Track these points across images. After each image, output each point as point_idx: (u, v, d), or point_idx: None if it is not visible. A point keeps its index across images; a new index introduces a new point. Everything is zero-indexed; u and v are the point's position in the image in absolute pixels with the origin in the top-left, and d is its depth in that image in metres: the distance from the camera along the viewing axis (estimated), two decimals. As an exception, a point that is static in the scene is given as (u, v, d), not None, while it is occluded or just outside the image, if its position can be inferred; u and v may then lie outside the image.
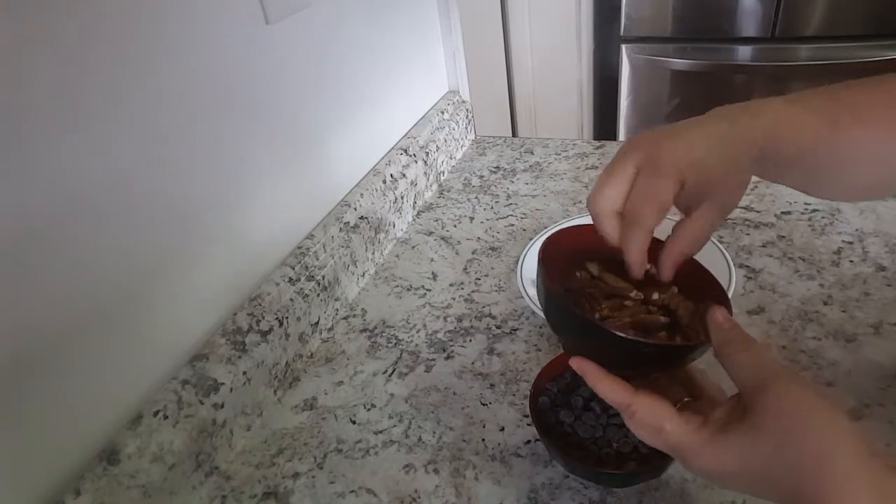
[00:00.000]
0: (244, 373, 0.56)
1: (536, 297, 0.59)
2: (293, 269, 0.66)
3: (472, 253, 0.79)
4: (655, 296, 0.44)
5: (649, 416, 0.38)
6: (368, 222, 0.77)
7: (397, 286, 0.75)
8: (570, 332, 0.43)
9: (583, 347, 0.41)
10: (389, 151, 0.88)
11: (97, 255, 0.46)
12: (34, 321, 0.42)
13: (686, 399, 0.42)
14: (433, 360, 0.64)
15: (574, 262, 0.47)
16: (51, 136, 0.41)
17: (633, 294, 0.44)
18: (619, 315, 0.43)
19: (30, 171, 0.40)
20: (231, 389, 0.54)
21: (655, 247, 0.42)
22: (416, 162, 0.89)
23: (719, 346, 0.39)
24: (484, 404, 0.58)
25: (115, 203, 0.47)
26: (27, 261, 0.41)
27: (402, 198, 0.85)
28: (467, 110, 1.06)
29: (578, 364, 0.41)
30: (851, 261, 0.68)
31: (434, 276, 0.76)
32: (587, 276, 0.46)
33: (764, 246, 0.73)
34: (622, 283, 0.45)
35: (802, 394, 0.33)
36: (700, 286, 0.44)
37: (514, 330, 0.66)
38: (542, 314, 0.49)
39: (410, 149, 0.89)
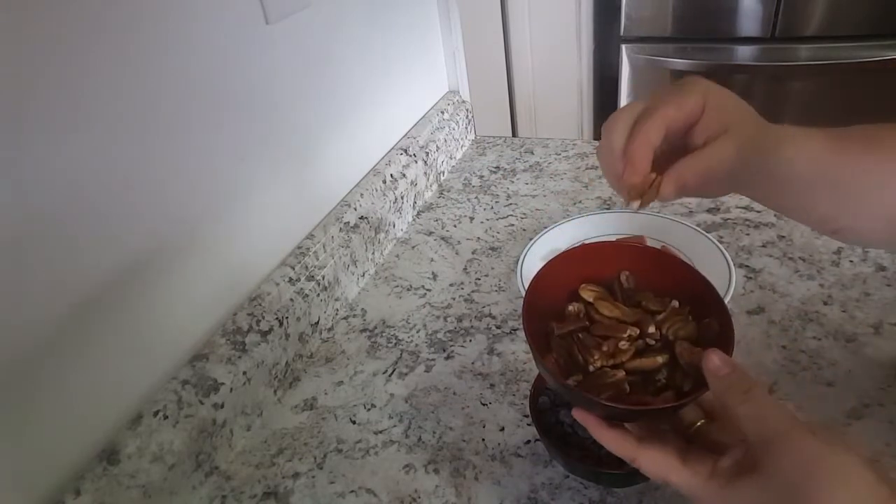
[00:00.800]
0: (244, 373, 0.56)
1: None
2: (293, 269, 0.66)
3: (472, 253, 0.79)
4: (652, 328, 0.43)
5: (654, 469, 0.38)
6: (368, 222, 0.77)
7: (397, 286, 0.75)
8: (565, 397, 0.44)
9: (580, 406, 0.41)
10: (389, 151, 0.88)
11: (97, 255, 0.46)
12: (34, 321, 0.42)
13: (701, 422, 0.41)
14: (433, 360, 0.64)
15: (564, 297, 0.46)
16: (51, 136, 0.41)
17: (627, 334, 0.43)
18: (615, 362, 0.42)
19: (29, 171, 0.40)
20: (231, 389, 0.54)
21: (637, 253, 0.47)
22: (416, 162, 0.89)
23: (719, 397, 0.38)
24: (484, 404, 0.58)
25: (115, 202, 0.47)
26: (27, 261, 0.41)
27: (402, 198, 0.85)
28: (467, 110, 1.06)
29: (579, 416, 0.41)
30: (851, 261, 0.68)
31: (434, 276, 0.76)
32: (580, 307, 0.45)
33: (764, 246, 0.73)
34: (616, 312, 0.44)
35: (811, 446, 0.32)
36: (701, 298, 0.43)
37: (514, 330, 0.66)
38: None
39: (410, 149, 0.89)
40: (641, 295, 0.45)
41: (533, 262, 0.72)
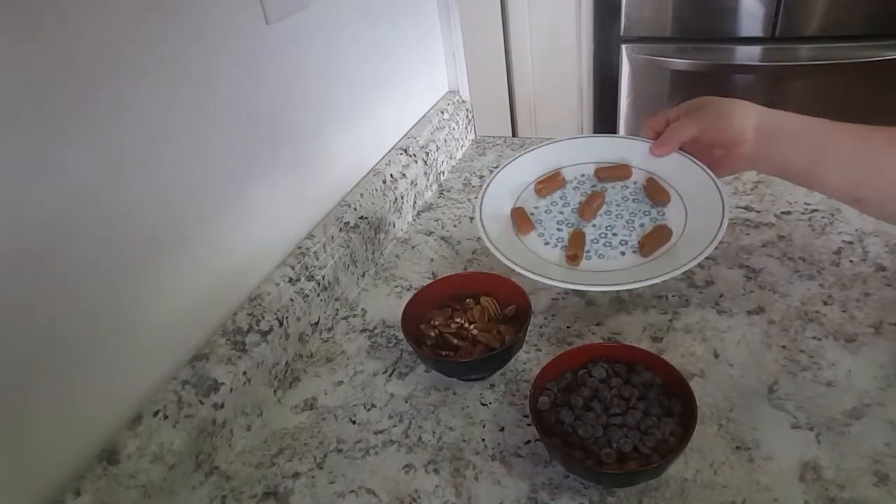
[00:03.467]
0: (244, 373, 0.56)
1: (499, 244, 0.61)
2: (293, 269, 0.66)
3: (472, 253, 0.79)
4: (459, 320, 0.61)
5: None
6: (368, 222, 0.77)
7: (397, 286, 0.75)
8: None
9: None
10: (389, 151, 0.88)
11: (96, 255, 0.46)
12: (33, 322, 0.42)
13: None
14: (433, 360, 0.64)
15: (431, 308, 0.63)
16: (51, 137, 0.41)
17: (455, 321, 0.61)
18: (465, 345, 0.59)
19: (29, 173, 0.40)
20: (231, 389, 0.54)
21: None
22: (416, 162, 0.89)
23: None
24: (484, 404, 0.58)
25: (115, 202, 0.47)
26: (27, 261, 0.41)
27: (402, 198, 0.85)
28: (467, 110, 1.06)
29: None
30: (851, 261, 0.68)
31: (434, 276, 0.76)
32: (433, 326, 0.61)
33: (764, 246, 0.73)
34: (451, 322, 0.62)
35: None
36: (510, 294, 0.61)
37: (514, 330, 0.66)
38: (509, 263, 0.58)
39: (410, 149, 0.89)
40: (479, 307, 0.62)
41: (498, 198, 0.65)
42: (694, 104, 0.63)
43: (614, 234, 0.61)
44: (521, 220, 0.63)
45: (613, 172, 0.66)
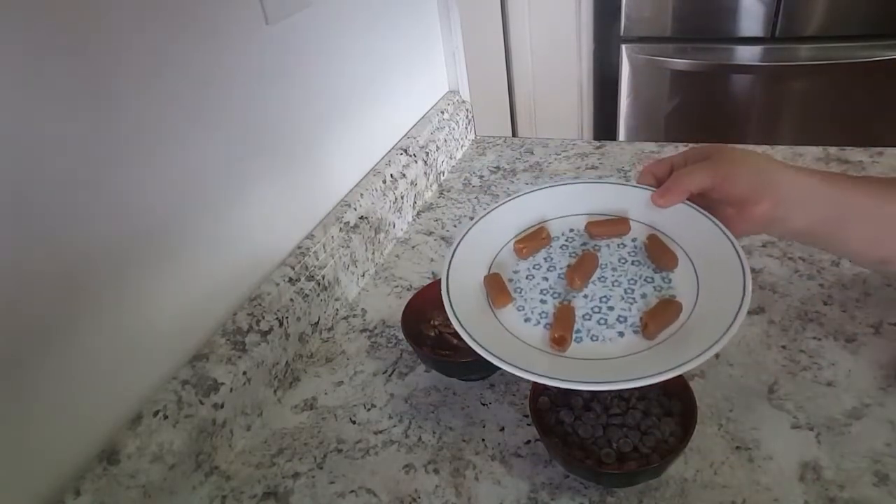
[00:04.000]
0: (244, 373, 0.56)
1: (469, 325, 0.47)
2: (293, 269, 0.66)
3: (472, 253, 0.79)
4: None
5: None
6: (368, 222, 0.77)
7: (397, 286, 0.75)
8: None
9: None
10: (389, 151, 0.88)
11: (96, 254, 0.46)
12: (33, 322, 0.42)
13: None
14: (433, 360, 0.64)
15: (430, 309, 0.63)
16: (50, 137, 0.41)
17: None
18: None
19: (26, 170, 0.40)
20: (231, 389, 0.54)
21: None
22: (416, 162, 0.89)
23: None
24: (484, 404, 0.58)
25: (114, 202, 0.47)
26: (26, 258, 0.41)
27: (402, 198, 0.85)
28: (467, 110, 1.06)
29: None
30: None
31: (434, 276, 0.76)
32: (433, 325, 0.63)
33: (764, 246, 0.73)
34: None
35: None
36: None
37: (514, 330, 0.66)
38: (483, 352, 0.45)
39: (410, 149, 0.89)
40: None
41: (470, 260, 0.54)
42: (703, 151, 0.54)
43: (610, 309, 0.49)
44: (496, 289, 0.51)
45: (609, 227, 0.55)
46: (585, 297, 0.50)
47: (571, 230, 0.56)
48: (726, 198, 0.51)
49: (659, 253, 0.52)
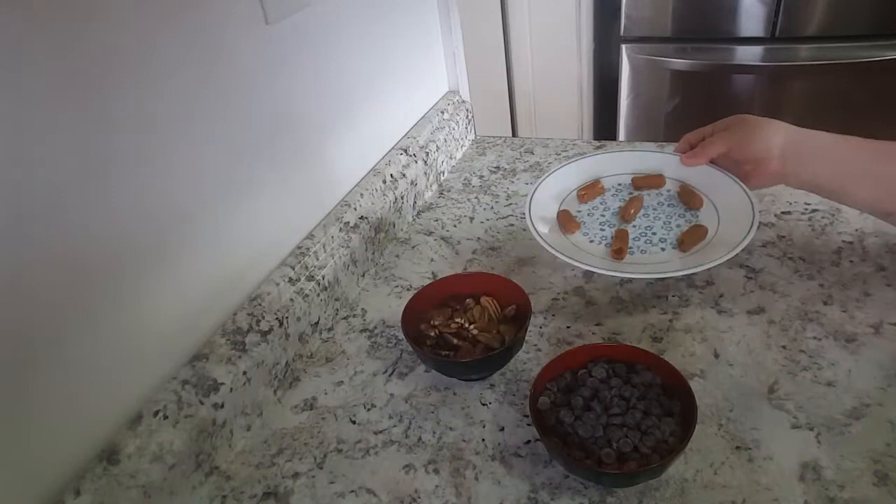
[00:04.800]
0: (244, 373, 0.56)
1: (546, 237, 0.65)
2: (293, 269, 0.66)
3: (472, 253, 0.79)
4: (459, 320, 0.62)
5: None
6: (368, 222, 0.77)
7: (397, 286, 0.75)
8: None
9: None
10: (389, 151, 0.88)
11: (95, 254, 0.46)
12: (33, 322, 0.42)
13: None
14: (433, 360, 0.64)
15: (430, 308, 0.64)
16: (50, 137, 0.41)
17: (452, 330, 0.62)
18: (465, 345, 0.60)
19: (26, 171, 0.40)
20: (231, 389, 0.54)
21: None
22: (416, 162, 0.89)
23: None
24: (484, 404, 0.58)
25: (113, 201, 0.47)
26: (26, 259, 0.41)
27: (402, 198, 0.85)
28: (467, 110, 1.06)
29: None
30: (851, 261, 0.68)
31: (434, 276, 0.76)
32: (433, 326, 0.62)
33: (764, 246, 0.73)
34: (450, 322, 0.63)
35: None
36: (511, 294, 0.62)
37: (514, 330, 0.66)
38: (553, 251, 0.62)
39: (410, 149, 0.89)
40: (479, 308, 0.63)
41: (543, 203, 0.71)
42: (728, 122, 0.67)
43: (654, 234, 0.66)
44: (566, 220, 0.68)
45: (648, 181, 0.72)
46: (634, 226, 0.68)
47: (619, 184, 0.74)
48: (742, 158, 0.65)
49: (688, 197, 0.69)
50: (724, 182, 0.68)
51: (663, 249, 0.64)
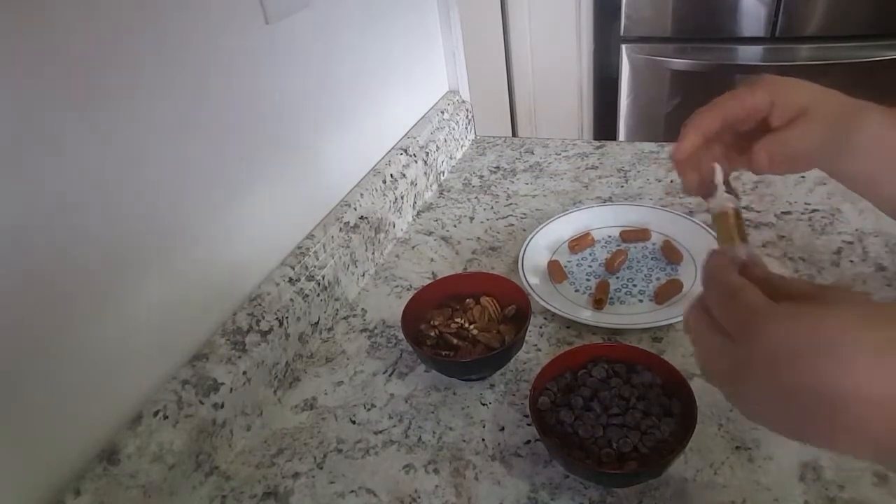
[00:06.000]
0: (244, 373, 0.56)
1: (538, 290, 0.69)
2: (293, 269, 0.66)
3: (472, 253, 0.79)
4: (459, 320, 0.63)
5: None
6: (368, 222, 0.77)
7: (397, 286, 0.75)
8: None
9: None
10: (389, 151, 0.88)
11: (96, 255, 0.46)
12: (33, 321, 0.42)
13: None
14: (433, 360, 0.64)
15: (430, 308, 0.65)
16: (49, 137, 0.41)
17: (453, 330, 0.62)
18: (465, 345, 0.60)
19: (25, 171, 0.40)
20: (231, 389, 0.54)
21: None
22: (416, 162, 0.89)
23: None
24: (484, 404, 0.58)
25: (113, 201, 0.47)
26: (25, 259, 0.41)
27: (402, 198, 0.85)
28: (467, 110, 1.06)
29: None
30: (851, 261, 0.68)
31: (434, 276, 0.76)
32: (433, 326, 0.63)
33: (764, 246, 0.73)
34: (450, 322, 0.63)
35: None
36: (512, 295, 0.64)
37: (514, 330, 0.66)
38: (546, 305, 0.66)
39: (410, 149, 0.89)
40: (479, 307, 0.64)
41: (537, 251, 0.76)
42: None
43: (634, 286, 0.70)
44: (555, 271, 0.72)
45: (636, 235, 0.77)
46: (617, 278, 0.72)
47: (609, 236, 0.78)
48: (735, 118, 0.49)
49: (670, 252, 0.73)
50: (706, 239, 0.72)
51: (641, 301, 0.68)
